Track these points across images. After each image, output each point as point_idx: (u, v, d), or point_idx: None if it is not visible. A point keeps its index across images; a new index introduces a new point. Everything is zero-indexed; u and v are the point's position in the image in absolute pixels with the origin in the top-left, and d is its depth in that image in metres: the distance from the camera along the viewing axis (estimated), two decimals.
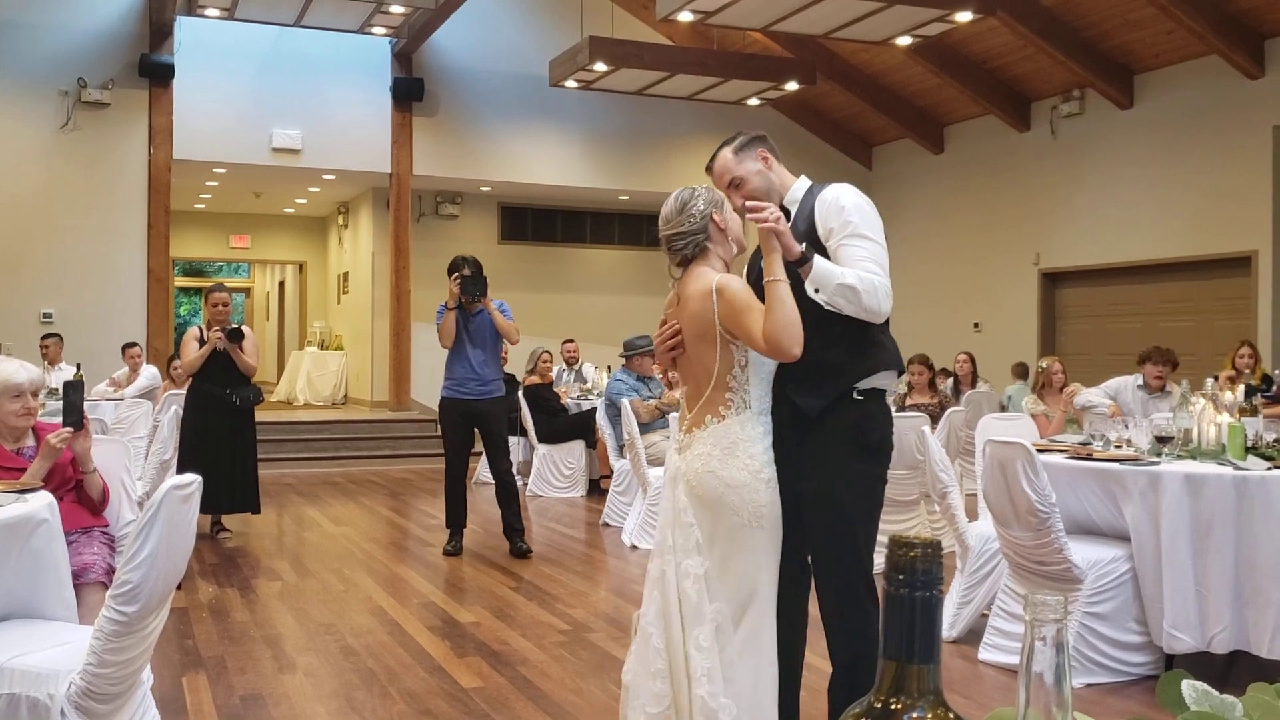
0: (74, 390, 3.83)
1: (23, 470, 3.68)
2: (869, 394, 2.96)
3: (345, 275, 16.95)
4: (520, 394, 9.78)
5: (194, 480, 2.87)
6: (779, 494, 2.88)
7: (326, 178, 14.37)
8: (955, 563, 4.97)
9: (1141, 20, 10.78)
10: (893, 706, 0.84)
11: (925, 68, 12.61)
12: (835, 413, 2.91)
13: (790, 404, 2.93)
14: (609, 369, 11.03)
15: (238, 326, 7.17)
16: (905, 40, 11.15)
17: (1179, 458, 4.43)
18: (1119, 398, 7.19)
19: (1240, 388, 6.47)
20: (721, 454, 2.84)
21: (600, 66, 11.74)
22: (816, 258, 2.80)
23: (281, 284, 21.74)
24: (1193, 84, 11.17)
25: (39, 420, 3.94)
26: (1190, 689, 1.01)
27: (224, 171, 13.79)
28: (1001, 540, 4.46)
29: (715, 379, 2.88)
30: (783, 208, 3.06)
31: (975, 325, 13.76)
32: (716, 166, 3.10)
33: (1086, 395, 7.31)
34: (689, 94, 13.09)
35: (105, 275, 12.26)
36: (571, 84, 12.42)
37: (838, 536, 2.91)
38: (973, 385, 10.24)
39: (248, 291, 24.26)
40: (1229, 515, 4.05)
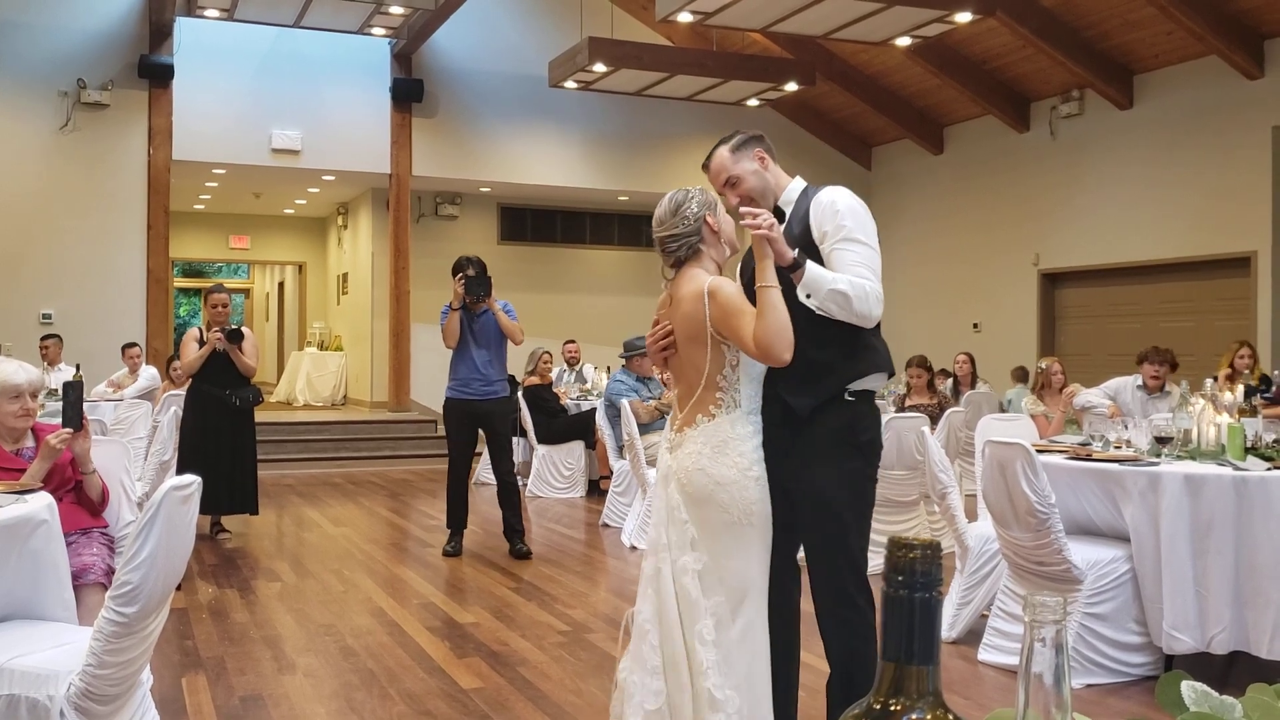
0: (73, 391, 3.83)
1: (22, 471, 3.68)
2: (860, 395, 2.98)
3: (345, 276, 16.95)
4: (520, 394, 9.78)
5: (193, 481, 2.87)
6: (769, 492, 2.90)
7: (326, 178, 14.36)
8: (955, 563, 4.97)
9: (1141, 20, 10.78)
10: (892, 708, 0.84)
11: (925, 68, 12.61)
12: (827, 413, 2.94)
13: (782, 403, 2.94)
14: (608, 369, 11.03)
15: (237, 327, 7.17)
16: (905, 41, 11.15)
17: (1178, 458, 4.43)
18: (1118, 398, 7.19)
19: (1240, 388, 6.47)
20: (711, 452, 2.86)
21: (600, 67, 11.74)
22: (809, 263, 2.82)
23: (281, 285, 21.74)
24: (1192, 84, 11.17)
25: (38, 421, 3.94)
26: (1190, 690, 1.01)
27: (223, 172, 13.79)
28: (1001, 541, 4.46)
29: (706, 379, 2.90)
30: (778, 208, 3.07)
31: (975, 326, 13.76)
32: (713, 164, 3.11)
33: (1086, 396, 7.30)
34: (688, 95, 13.09)
35: (105, 276, 12.26)
36: (571, 85, 12.42)
37: (830, 535, 2.94)
38: (972, 386, 10.25)
39: (247, 292, 24.26)
40: (1228, 516, 4.05)
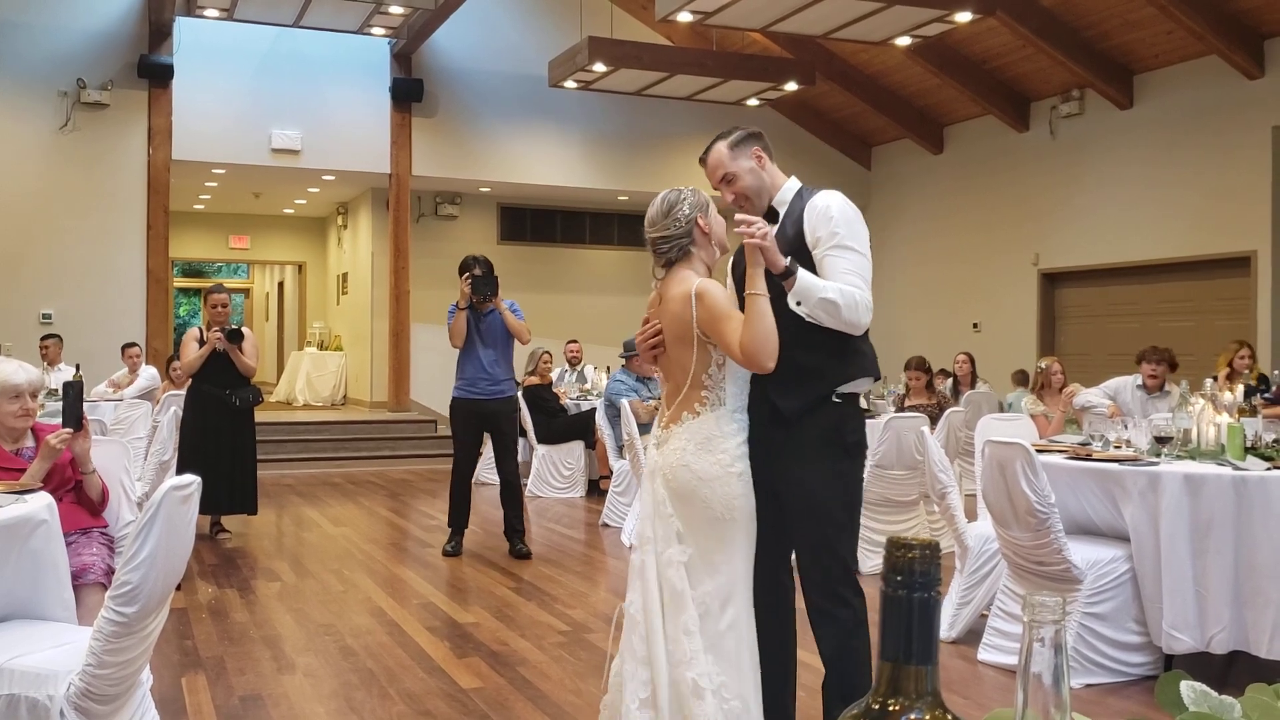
0: (73, 391, 3.83)
1: (22, 471, 3.68)
2: (846, 397, 3.02)
3: (344, 276, 16.94)
4: (520, 394, 9.77)
5: (193, 481, 2.87)
6: (754, 490, 2.92)
7: (326, 178, 14.36)
8: (954, 563, 4.97)
9: (1141, 20, 10.78)
10: (890, 708, 0.84)
11: (925, 68, 12.60)
12: (815, 414, 2.97)
13: (770, 405, 2.96)
14: (608, 369, 11.03)
15: (237, 327, 7.17)
16: (905, 40, 11.15)
17: (1178, 458, 4.43)
18: (1118, 398, 7.19)
19: (1239, 388, 6.48)
20: (695, 449, 2.90)
21: (599, 67, 11.74)
22: (800, 271, 2.84)
23: (281, 284, 21.74)
24: (1192, 84, 11.17)
25: (38, 421, 3.94)
26: (1189, 689, 1.01)
27: (223, 172, 13.79)
28: (1001, 541, 4.46)
29: (691, 377, 2.94)
30: (772, 208, 3.08)
31: (974, 325, 13.75)
32: (710, 160, 3.11)
33: (1086, 395, 7.30)
34: (688, 94, 13.08)
35: (105, 276, 12.26)
36: (571, 84, 12.42)
37: (820, 535, 2.96)
38: (972, 386, 10.25)
39: (247, 292, 24.25)
40: (1228, 515, 4.06)
